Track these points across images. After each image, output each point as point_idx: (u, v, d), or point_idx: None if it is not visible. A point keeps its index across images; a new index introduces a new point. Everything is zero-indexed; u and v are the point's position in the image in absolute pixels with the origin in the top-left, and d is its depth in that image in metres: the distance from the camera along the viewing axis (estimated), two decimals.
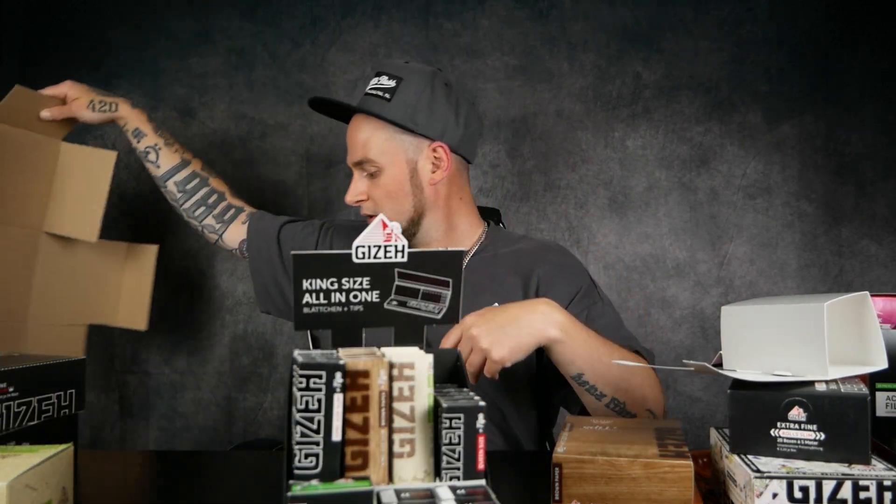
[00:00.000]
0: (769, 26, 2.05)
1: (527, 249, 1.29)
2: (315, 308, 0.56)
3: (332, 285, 0.56)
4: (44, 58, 2.07)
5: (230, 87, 2.08)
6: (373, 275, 0.57)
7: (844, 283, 2.00)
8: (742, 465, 0.71)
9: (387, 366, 0.52)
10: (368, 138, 1.24)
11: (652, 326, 2.04)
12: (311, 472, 0.50)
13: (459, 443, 0.52)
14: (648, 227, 2.06)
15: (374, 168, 1.24)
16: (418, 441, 0.53)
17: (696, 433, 1.95)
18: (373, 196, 1.26)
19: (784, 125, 2.05)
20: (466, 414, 0.52)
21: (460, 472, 0.53)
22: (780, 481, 0.67)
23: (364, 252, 0.57)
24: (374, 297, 0.58)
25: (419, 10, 2.08)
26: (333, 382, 0.50)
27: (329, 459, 0.50)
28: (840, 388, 0.74)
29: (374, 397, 0.52)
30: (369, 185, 1.26)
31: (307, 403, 0.50)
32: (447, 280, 0.60)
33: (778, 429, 0.73)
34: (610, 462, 0.70)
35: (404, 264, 0.58)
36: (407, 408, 0.53)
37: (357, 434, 0.51)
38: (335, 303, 0.57)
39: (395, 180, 1.24)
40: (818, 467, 0.70)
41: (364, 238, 0.57)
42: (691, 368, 0.82)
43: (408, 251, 0.58)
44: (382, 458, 0.52)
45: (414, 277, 0.59)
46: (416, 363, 0.53)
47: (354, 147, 1.26)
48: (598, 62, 2.07)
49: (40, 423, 0.85)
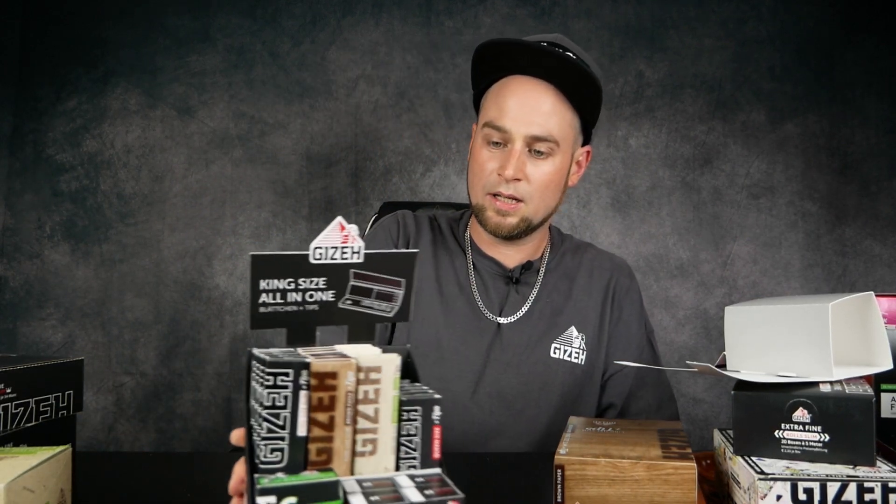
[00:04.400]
0: (773, 25, 2.05)
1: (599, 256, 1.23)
2: (271, 307, 0.57)
3: (289, 285, 0.58)
4: (42, 57, 2.07)
5: (229, 85, 2.07)
6: (329, 275, 0.59)
7: (848, 283, 2.00)
8: (746, 466, 0.70)
9: (354, 368, 0.54)
10: (553, 112, 1.05)
11: (656, 327, 2.02)
12: (276, 466, 0.52)
13: (417, 434, 0.55)
14: (651, 227, 2.05)
15: (548, 148, 1.06)
16: (380, 441, 0.55)
17: (700, 434, 1.95)
18: (532, 178, 1.06)
19: (788, 124, 2.04)
20: (423, 406, 0.55)
21: (418, 462, 0.55)
22: (784, 483, 0.66)
23: (322, 253, 0.58)
24: (329, 296, 0.59)
25: (420, 8, 2.07)
26: (300, 380, 0.52)
27: (294, 454, 0.52)
28: (845, 389, 0.73)
29: (341, 398, 0.53)
30: (529, 166, 1.06)
31: (274, 400, 0.52)
32: (400, 280, 0.61)
33: (782, 430, 0.72)
34: (613, 464, 0.69)
35: (360, 265, 0.59)
36: (371, 410, 0.54)
37: (322, 432, 0.53)
38: (291, 302, 0.58)
39: (561, 170, 1.09)
40: (822, 469, 0.69)
41: (322, 239, 0.59)
42: (695, 369, 0.81)
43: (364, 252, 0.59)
44: (346, 454, 0.54)
45: (369, 278, 0.60)
46: (383, 367, 0.54)
47: (535, 115, 1.04)
48: (601, 60, 2.06)
49: (38, 425, 0.84)
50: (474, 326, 1.12)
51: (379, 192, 2.08)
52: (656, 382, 1.17)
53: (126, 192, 2.06)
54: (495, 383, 1.10)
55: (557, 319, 1.14)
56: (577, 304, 1.16)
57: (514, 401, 1.10)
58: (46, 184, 2.06)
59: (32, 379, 0.84)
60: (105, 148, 2.06)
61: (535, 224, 1.10)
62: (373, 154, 2.09)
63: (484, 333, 1.12)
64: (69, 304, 2.04)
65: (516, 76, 1.07)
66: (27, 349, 2.02)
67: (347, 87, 2.08)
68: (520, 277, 1.15)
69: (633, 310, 1.19)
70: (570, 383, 1.12)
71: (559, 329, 1.14)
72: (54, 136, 2.06)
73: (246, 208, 2.07)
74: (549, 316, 1.14)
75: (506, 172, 1.04)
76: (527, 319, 1.13)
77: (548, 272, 1.18)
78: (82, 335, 2.04)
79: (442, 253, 1.18)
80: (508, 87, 1.07)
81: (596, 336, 1.15)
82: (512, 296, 1.15)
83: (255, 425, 0.54)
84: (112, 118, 2.07)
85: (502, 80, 1.08)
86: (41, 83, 1.47)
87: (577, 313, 1.15)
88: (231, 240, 2.06)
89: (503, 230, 1.09)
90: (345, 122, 2.08)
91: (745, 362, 0.81)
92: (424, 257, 1.16)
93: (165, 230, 2.04)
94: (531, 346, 1.12)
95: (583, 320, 1.15)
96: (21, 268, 2.05)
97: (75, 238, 2.05)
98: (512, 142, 1.05)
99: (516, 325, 1.13)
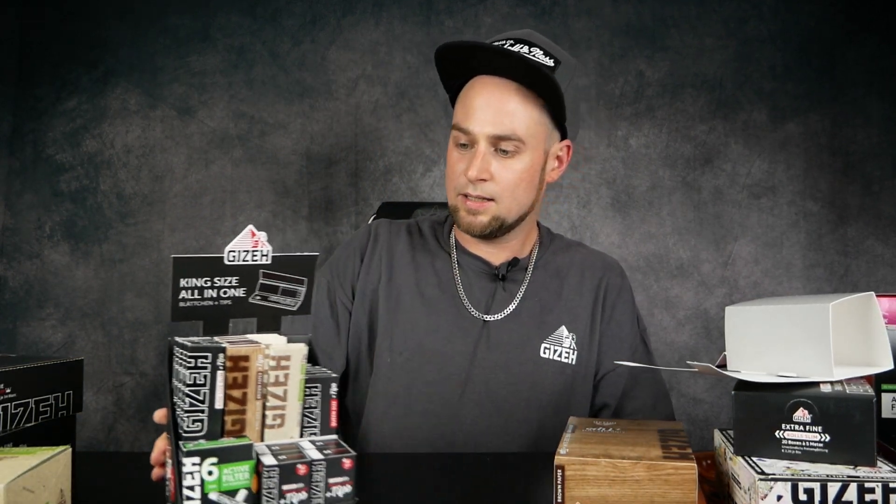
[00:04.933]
0: (774, 23, 2.04)
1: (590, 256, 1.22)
2: (189, 302, 0.67)
3: (206, 283, 0.68)
4: (42, 56, 2.07)
5: (229, 85, 2.07)
6: (241, 274, 0.69)
7: (850, 282, 1.99)
8: (746, 467, 0.70)
9: (262, 351, 0.65)
10: (517, 111, 1.05)
11: (655, 327, 2.03)
12: (197, 434, 0.62)
13: (317, 406, 0.68)
14: (652, 227, 2.05)
15: (514, 147, 1.05)
16: (288, 416, 0.66)
17: (700, 435, 1.94)
18: (499, 178, 1.06)
19: (789, 123, 2.04)
20: (322, 384, 0.68)
21: (318, 430, 0.68)
22: (784, 483, 0.66)
23: (234, 256, 0.70)
24: (241, 292, 0.70)
25: (420, 8, 2.07)
26: (217, 362, 0.63)
27: (213, 424, 0.63)
28: (845, 389, 0.73)
29: (252, 377, 0.64)
30: (496, 165, 1.06)
31: (195, 379, 0.62)
32: (303, 279, 0.72)
33: (782, 430, 0.72)
34: (613, 464, 0.69)
35: (268, 266, 0.70)
36: (281, 391, 0.66)
37: (236, 405, 0.64)
38: (207, 297, 0.68)
39: (532, 168, 1.08)
40: (823, 469, 0.69)
41: (235, 244, 0.70)
42: (695, 369, 0.81)
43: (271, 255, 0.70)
44: (257, 425, 0.65)
45: (275, 277, 0.71)
46: (292, 355, 0.66)
47: (498, 115, 1.04)
48: (601, 60, 2.06)
49: (38, 425, 0.84)
50: (459, 325, 1.11)
51: (379, 192, 2.08)
52: (651, 381, 1.16)
53: (126, 192, 2.05)
54: (484, 385, 1.09)
55: (547, 318, 1.13)
56: (567, 304, 1.15)
57: (504, 402, 1.09)
58: (46, 184, 2.06)
59: (32, 379, 0.84)
60: (105, 148, 2.06)
61: (511, 222, 1.10)
62: (373, 154, 2.09)
63: (469, 331, 1.11)
64: (69, 304, 2.04)
65: (481, 76, 1.07)
66: (27, 349, 2.02)
67: (347, 87, 2.07)
68: (506, 274, 1.14)
69: (625, 309, 1.18)
70: (561, 384, 1.11)
71: (549, 328, 1.12)
72: (54, 135, 2.06)
73: (246, 208, 2.07)
74: (538, 314, 1.13)
75: (469, 174, 1.05)
76: (515, 317, 1.12)
77: (536, 269, 1.17)
78: (82, 335, 2.04)
79: (422, 257, 1.16)
80: (474, 88, 1.08)
81: (587, 336, 1.14)
82: (499, 293, 1.13)
83: (177, 401, 0.64)
84: (112, 118, 2.07)
85: (469, 82, 1.09)
86: (41, 83, 1.47)
87: (567, 313, 1.14)
88: (231, 240, 2.06)
89: (475, 229, 1.09)
90: (345, 121, 2.08)
91: (746, 362, 0.81)
92: (401, 264, 1.15)
93: (165, 230, 2.04)
94: (520, 345, 1.11)
95: (573, 320, 1.14)
96: (21, 268, 2.05)
97: (75, 238, 2.05)
98: (476, 143, 1.06)
99: (504, 322, 1.12)
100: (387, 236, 1.19)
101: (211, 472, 0.60)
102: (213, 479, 0.60)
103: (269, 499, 0.61)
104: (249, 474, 0.61)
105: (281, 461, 0.61)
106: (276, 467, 0.61)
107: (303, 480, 0.62)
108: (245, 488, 0.61)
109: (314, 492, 0.63)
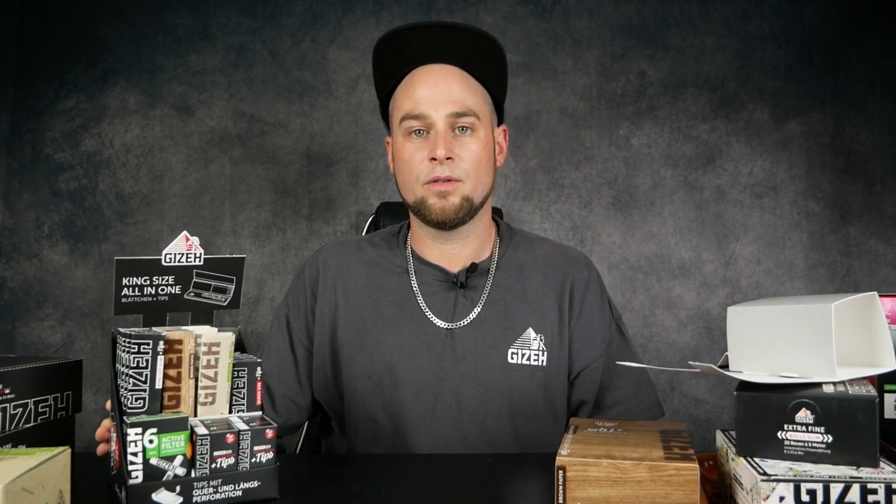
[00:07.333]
0: (776, 23, 2.04)
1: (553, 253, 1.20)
2: (130, 298, 0.77)
3: (146, 282, 0.78)
4: (41, 55, 2.06)
5: (229, 84, 2.07)
6: (176, 274, 0.79)
7: (852, 283, 1.99)
8: (749, 467, 0.70)
9: (194, 337, 0.76)
10: (465, 89, 1.06)
11: (657, 327, 2.03)
12: (140, 410, 0.72)
13: (244, 387, 0.79)
14: (653, 227, 2.05)
15: (470, 122, 1.06)
16: (218, 395, 0.77)
17: (702, 435, 1.94)
18: (462, 156, 1.05)
19: (791, 123, 2.03)
20: (248, 368, 0.79)
21: (245, 407, 0.79)
22: (787, 484, 0.66)
23: (171, 258, 0.79)
24: (176, 290, 0.80)
25: (421, 6, 2.07)
26: (158, 347, 0.73)
27: (153, 401, 0.73)
28: (848, 389, 0.73)
29: (186, 358, 0.75)
30: (456, 146, 1.05)
31: (138, 363, 0.72)
32: (232, 278, 0.83)
33: (785, 431, 0.72)
34: (614, 465, 0.69)
35: (201, 266, 0.81)
36: (212, 373, 0.77)
37: (172, 384, 0.75)
38: (147, 294, 0.78)
39: (487, 145, 1.08)
40: (826, 470, 0.68)
41: (171, 248, 0.79)
42: (697, 370, 0.81)
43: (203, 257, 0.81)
44: (190, 401, 0.75)
45: (207, 276, 0.81)
46: (222, 342, 0.77)
47: (450, 94, 1.05)
48: (603, 59, 2.05)
49: (37, 426, 0.84)
50: (422, 338, 1.08)
51: (379, 191, 2.07)
52: (628, 369, 1.14)
53: (125, 192, 2.05)
54: (454, 397, 1.07)
55: (512, 322, 1.10)
56: (532, 305, 1.12)
57: (476, 413, 1.07)
58: (45, 183, 2.05)
59: (31, 380, 0.83)
60: (104, 147, 2.06)
61: (477, 205, 1.08)
62: (373, 153, 2.09)
63: (434, 343, 1.08)
64: (68, 304, 2.04)
65: (419, 68, 1.08)
66: (26, 349, 2.02)
67: (348, 86, 2.07)
68: (466, 281, 1.11)
69: (593, 301, 1.15)
70: (533, 387, 1.08)
71: (515, 332, 1.10)
72: (53, 135, 2.06)
73: (246, 208, 2.06)
74: (503, 319, 1.10)
75: (437, 153, 1.04)
76: (479, 324, 1.09)
77: (498, 270, 1.14)
78: (81, 335, 2.04)
79: (377, 275, 1.14)
80: (415, 77, 1.07)
81: (556, 335, 1.11)
82: (460, 301, 1.10)
83: (121, 383, 0.73)
84: (111, 117, 2.06)
85: (407, 77, 1.09)
86: (40, 82, 1.47)
87: (533, 314, 1.11)
88: (231, 240, 2.06)
89: (448, 213, 1.06)
90: (345, 121, 2.08)
91: (748, 363, 0.81)
92: (357, 287, 1.13)
93: (165, 230, 2.04)
94: (487, 353, 1.08)
95: (540, 320, 1.11)
96: (20, 268, 2.05)
97: (74, 238, 2.05)
98: (434, 125, 1.05)
99: (468, 330, 1.09)
100: (336, 262, 1.16)
101: (152, 440, 0.70)
102: (154, 447, 0.70)
103: (202, 463, 0.72)
104: (185, 442, 0.71)
105: (212, 431, 0.72)
106: (208, 436, 0.72)
107: (231, 448, 0.73)
108: (181, 454, 0.71)
109: (241, 457, 0.74)
